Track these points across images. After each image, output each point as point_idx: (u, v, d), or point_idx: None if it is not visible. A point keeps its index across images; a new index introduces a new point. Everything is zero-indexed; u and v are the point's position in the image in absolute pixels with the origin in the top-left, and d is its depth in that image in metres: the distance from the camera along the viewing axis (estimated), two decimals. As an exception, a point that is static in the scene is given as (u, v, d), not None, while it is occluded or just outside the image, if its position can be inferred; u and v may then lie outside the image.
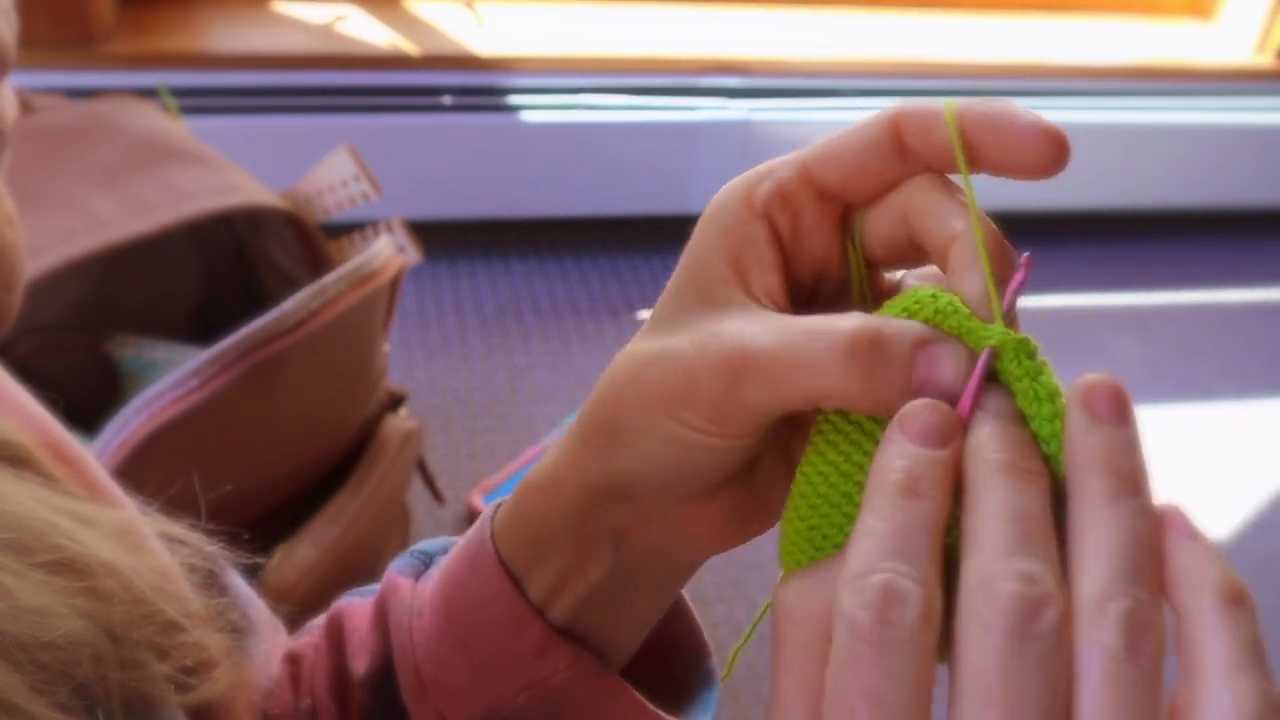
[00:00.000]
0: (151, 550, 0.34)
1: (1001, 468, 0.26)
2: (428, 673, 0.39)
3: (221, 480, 0.47)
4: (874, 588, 0.25)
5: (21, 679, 0.25)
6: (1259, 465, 1.69)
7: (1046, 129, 0.29)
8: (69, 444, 0.40)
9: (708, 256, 0.33)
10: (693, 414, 0.31)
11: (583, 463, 0.34)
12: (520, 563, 0.37)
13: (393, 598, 0.41)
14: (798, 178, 0.32)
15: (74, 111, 1.08)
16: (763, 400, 0.30)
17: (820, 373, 0.29)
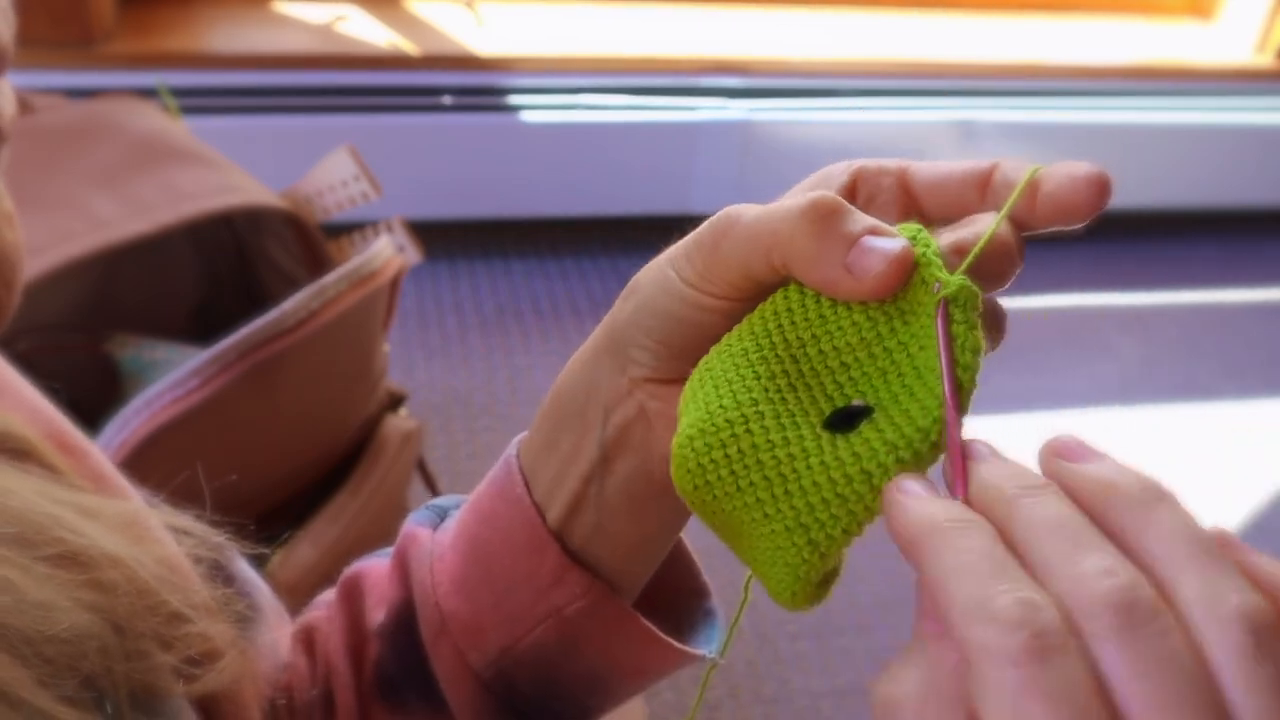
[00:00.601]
0: (157, 541, 0.35)
1: (1020, 493, 0.27)
2: (449, 608, 0.40)
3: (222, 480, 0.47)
4: (1006, 610, 0.23)
5: (28, 673, 0.25)
6: (1259, 465, 1.69)
7: (1092, 171, 0.32)
8: (73, 435, 0.40)
9: (791, 192, 0.37)
10: (688, 264, 0.35)
11: (600, 326, 0.38)
12: (533, 460, 0.39)
13: (413, 546, 0.42)
14: (897, 168, 0.36)
15: (74, 111, 1.08)
16: (737, 249, 0.33)
17: (782, 224, 0.32)
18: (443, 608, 0.40)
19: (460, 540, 0.41)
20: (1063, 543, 0.25)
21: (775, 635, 1.34)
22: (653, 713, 1.26)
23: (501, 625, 0.39)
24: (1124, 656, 0.23)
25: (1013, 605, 0.23)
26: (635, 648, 0.40)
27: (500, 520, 0.39)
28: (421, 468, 1.20)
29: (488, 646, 0.40)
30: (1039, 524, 0.25)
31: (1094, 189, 0.31)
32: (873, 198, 0.36)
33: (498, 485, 0.40)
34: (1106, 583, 0.23)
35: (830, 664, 1.32)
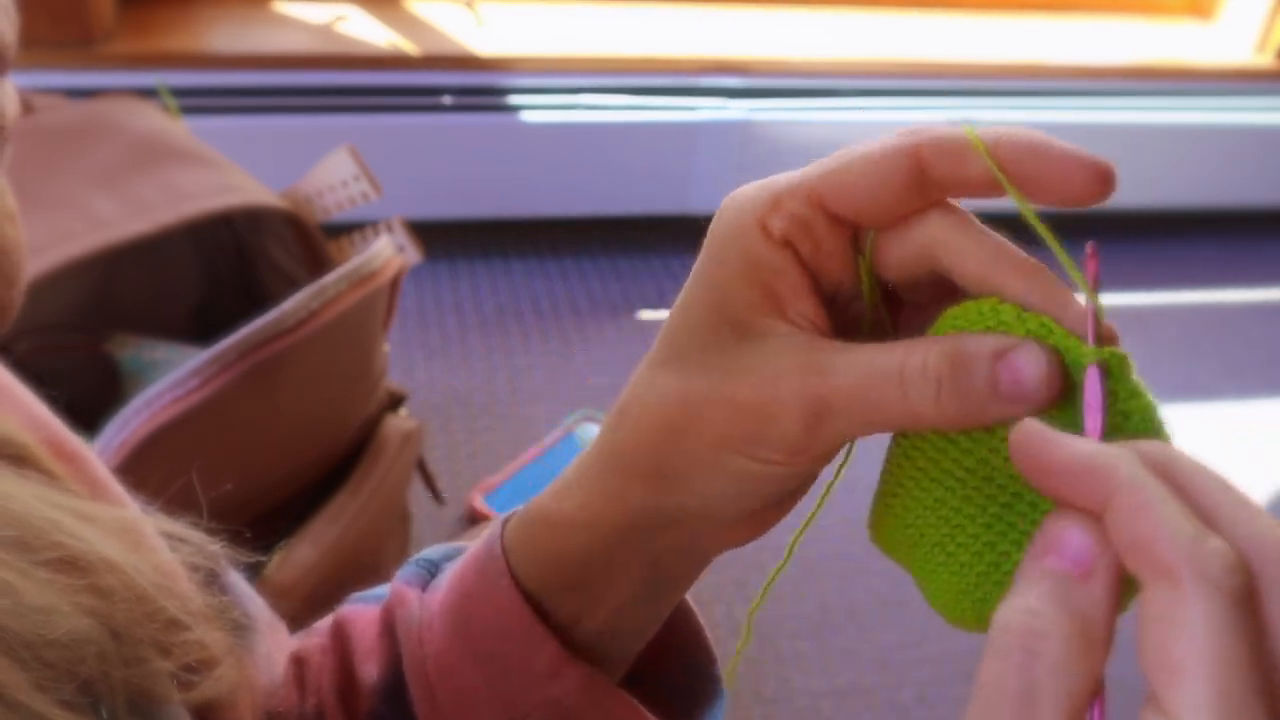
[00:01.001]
0: (153, 548, 0.35)
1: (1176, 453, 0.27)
2: (441, 687, 0.39)
3: (222, 480, 0.47)
4: (1225, 551, 0.23)
5: (26, 676, 0.25)
6: (1259, 465, 1.69)
7: (1091, 159, 0.29)
8: (70, 441, 0.40)
9: (732, 285, 0.32)
10: (768, 450, 0.31)
11: (625, 503, 0.34)
12: (543, 588, 0.37)
13: (400, 608, 0.41)
14: (809, 205, 0.32)
15: (74, 111, 1.08)
16: (847, 433, 0.31)
17: (909, 406, 0.29)
18: (433, 685, 0.39)
19: (447, 615, 0.39)
20: (1234, 496, 0.25)
21: (775, 635, 1.34)
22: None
23: (496, 706, 0.39)
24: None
25: (1228, 550, 0.23)
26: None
27: (489, 607, 0.38)
28: (421, 468, 1.20)
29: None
30: (1208, 477, 0.26)
31: (1088, 172, 0.29)
32: (818, 251, 0.32)
33: (482, 569, 0.39)
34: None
35: (830, 664, 1.32)
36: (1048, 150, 0.29)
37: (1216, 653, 0.22)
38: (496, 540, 0.38)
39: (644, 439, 0.33)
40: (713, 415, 0.31)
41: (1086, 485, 0.25)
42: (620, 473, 0.34)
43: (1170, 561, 0.23)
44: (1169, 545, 0.24)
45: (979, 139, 0.30)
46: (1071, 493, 0.26)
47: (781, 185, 0.32)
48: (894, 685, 1.31)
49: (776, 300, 0.32)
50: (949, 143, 0.30)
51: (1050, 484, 0.26)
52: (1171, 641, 0.23)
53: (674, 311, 0.34)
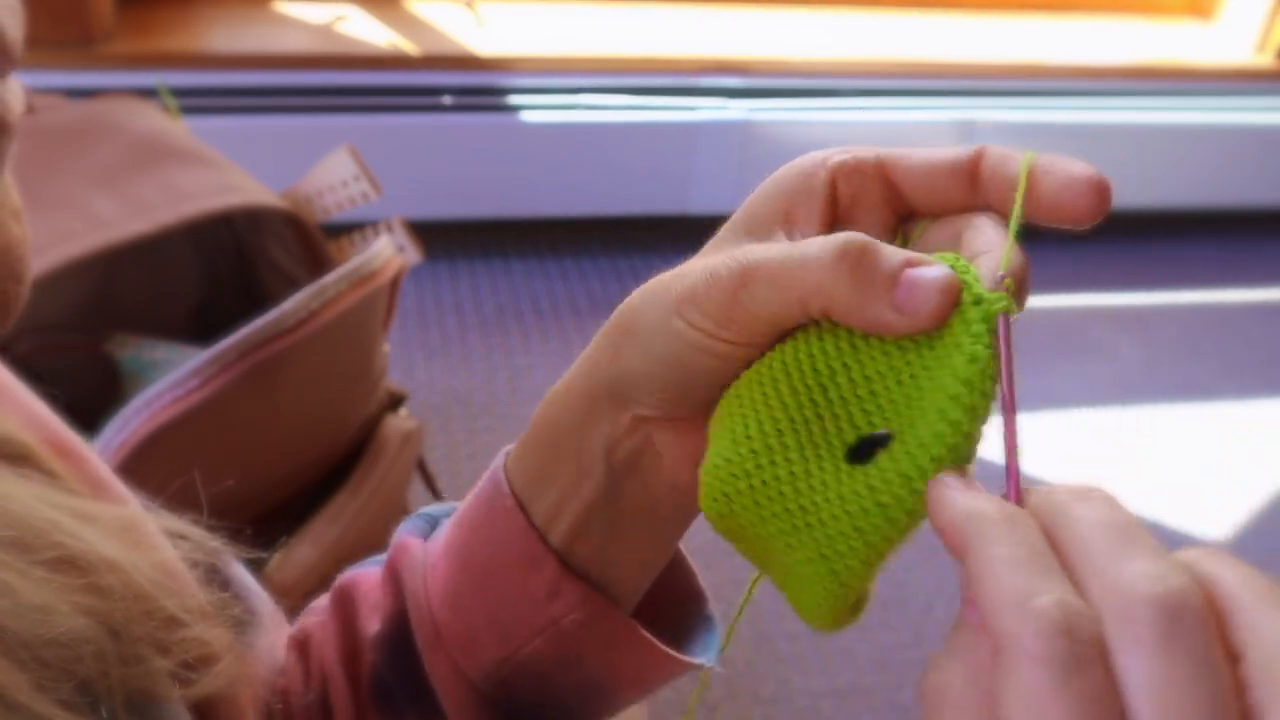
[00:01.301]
0: (153, 546, 0.35)
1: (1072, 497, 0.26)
2: (443, 619, 0.40)
3: (222, 480, 0.47)
4: (1048, 610, 0.23)
5: (25, 676, 0.25)
6: (1259, 465, 1.69)
7: (1093, 175, 0.31)
8: (70, 440, 0.40)
9: (765, 200, 0.35)
10: (701, 314, 0.33)
11: (591, 365, 0.36)
12: (527, 487, 0.39)
13: (404, 556, 0.42)
14: (874, 161, 0.34)
15: (74, 111, 1.08)
16: (764, 299, 0.32)
17: (815, 271, 0.31)
18: (437, 619, 0.40)
19: (451, 552, 0.40)
20: (1113, 543, 0.24)
21: (775, 635, 1.34)
22: (653, 712, 1.26)
23: (497, 636, 0.39)
24: (1157, 665, 0.22)
25: (1054, 606, 0.23)
26: (634, 658, 0.40)
27: (491, 534, 0.39)
28: (421, 468, 1.20)
29: (484, 657, 0.40)
30: (1091, 524, 0.25)
31: (1095, 194, 0.31)
32: (857, 199, 0.35)
33: (486, 499, 0.40)
34: (1157, 587, 0.23)
35: (830, 664, 1.32)
36: (1068, 165, 0.32)
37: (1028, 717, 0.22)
38: (500, 468, 0.40)
39: (624, 303, 0.36)
40: (673, 279, 0.34)
41: (956, 546, 0.26)
42: (596, 339, 0.37)
43: (995, 629, 0.23)
44: (995, 612, 0.24)
45: (1031, 157, 0.32)
46: (953, 552, 0.26)
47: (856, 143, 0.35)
48: (894, 685, 1.31)
49: (789, 218, 0.35)
50: (1004, 152, 0.33)
51: (944, 542, 0.27)
52: (1007, 706, 0.23)
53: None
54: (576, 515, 0.38)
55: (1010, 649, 0.23)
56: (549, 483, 0.38)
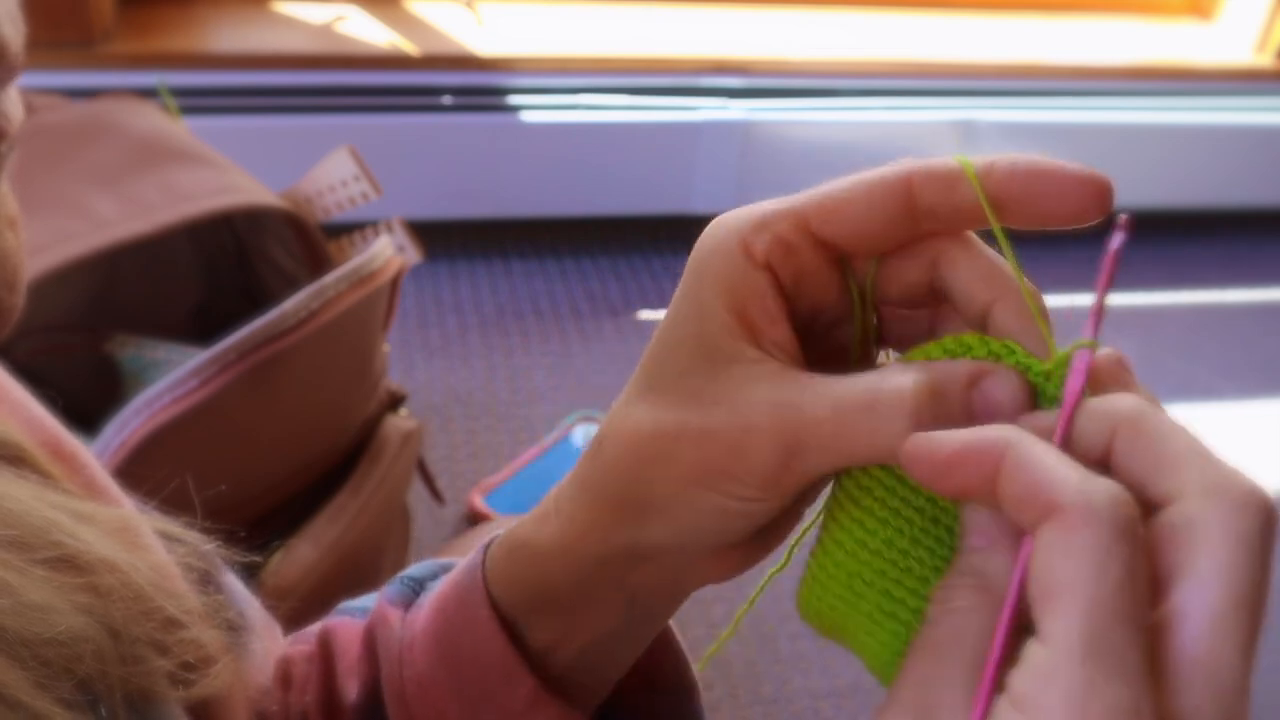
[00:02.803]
0: (150, 547, 0.35)
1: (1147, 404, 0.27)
2: (416, 707, 0.39)
3: (222, 480, 0.47)
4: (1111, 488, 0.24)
5: (25, 675, 0.25)
6: (1259, 465, 1.69)
7: (1088, 176, 0.28)
8: (67, 442, 0.40)
9: (709, 305, 0.31)
10: (740, 486, 0.30)
11: (601, 534, 0.34)
12: (522, 614, 0.37)
13: (381, 627, 0.41)
14: (796, 228, 0.31)
15: (74, 111, 1.08)
16: (820, 467, 0.30)
17: (885, 437, 0.28)
18: (411, 707, 0.39)
19: (429, 638, 0.39)
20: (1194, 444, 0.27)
21: (775, 635, 1.34)
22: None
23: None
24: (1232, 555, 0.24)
25: (1114, 485, 0.24)
26: None
27: (468, 637, 0.38)
28: (421, 468, 1.20)
29: None
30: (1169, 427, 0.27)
31: (1088, 191, 0.29)
32: (798, 278, 0.31)
33: (463, 596, 0.38)
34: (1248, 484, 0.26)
35: (830, 664, 1.32)
36: (1043, 171, 0.29)
37: (1095, 574, 0.23)
38: (478, 568, 0.38)
39: (617, 472, 0.33)
40: (684, 449, 0.31)
41: (976, 464, 0.26)
42: (595, 504, 0.34)
43: (1056, 499, 0.24)
44: (1055, 486, 0.24)
45: (970, 165, 0.30)
46: (967, 478, 0.26)
47: (768, 208, 0.32)
48: (894, 685, 1.30)
49: (751, 325, 0.31)
50: (940, 171, 0.30)
51: (950, 481, 0.26)
52: (1055, 566, 0.24)
53: (655, 334, 0.33)
54: (583, 646, 0.37)
55: (1073, 513, 0.24)
56: (548, 620, 0.37)
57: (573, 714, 0.38)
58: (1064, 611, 0.23)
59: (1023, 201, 0.29)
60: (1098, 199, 0.29)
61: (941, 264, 0.31)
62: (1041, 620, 0.24)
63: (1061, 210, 0.29)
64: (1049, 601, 0.24)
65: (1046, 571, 0.24)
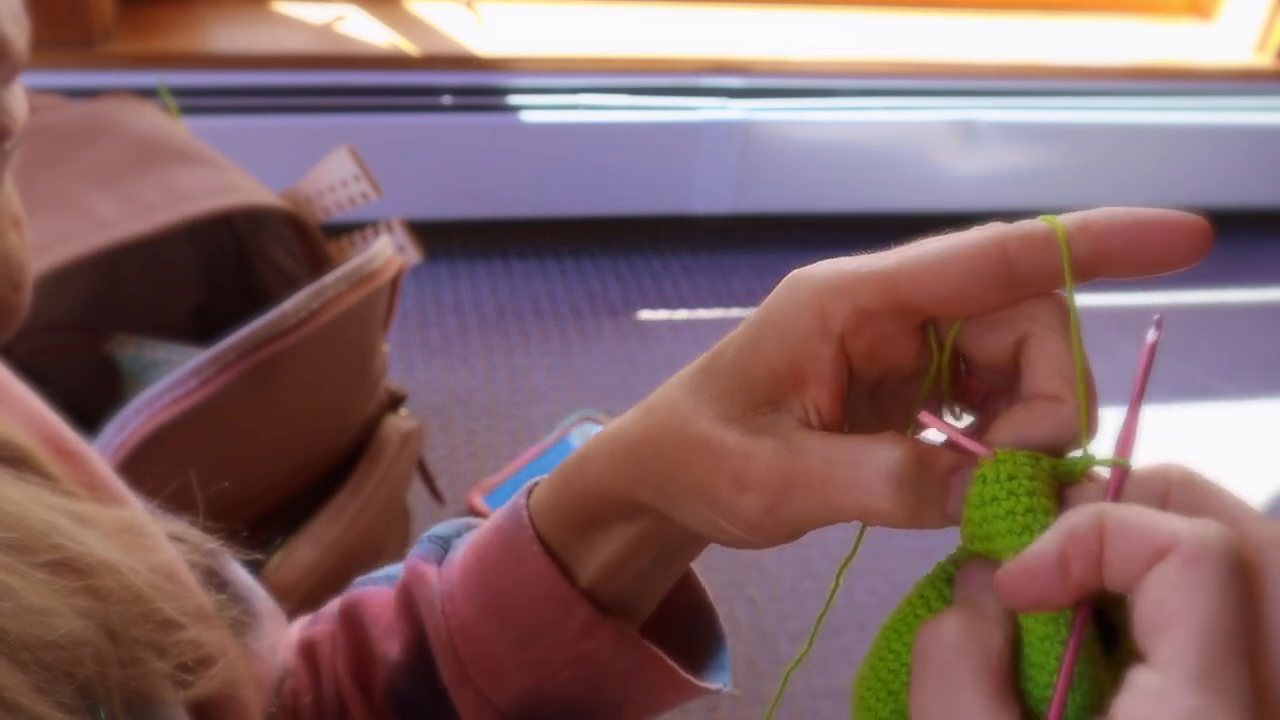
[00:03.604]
0: (151, 548, 0.35)
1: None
2: (467, 654, 0.40)
3: (222, 480, 0.47)
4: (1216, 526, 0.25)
5: (26, 679, 0.25)
6: (1259, 465, 1.69)
7: (1192, 225, 0.29)
8: (70, 439, 0.40)
9: (768, 349, 0.32)
10: (730, 517, 0.32)
11: (630, 487, 0.36)
12: (565, 547, 0.39)
13: (418, 584, 0.42)
14: (882, 298, 0.31)
15: (74, 111, 1.08)
16: (805, 515, 0.31)
17: (866, 494, 0.30)
18: (461, 654, 0.41)
19: (470, 585, 0.41)
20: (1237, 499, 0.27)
21: (775, 635, 1.34)
22: (653, 713, 1.26)
23: (525, 668, 0.40)
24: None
25: (1223, 527, 0.25)
26: (655, 684, 0.41)
27: (518, 575, 0.39)
28: (421, 468, 1.20)
29: (511, 688, 0.40)
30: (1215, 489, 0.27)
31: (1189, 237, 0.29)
32: (875, 346, 0.32)
33: (507, 538, 0.40)
34: None
35: (830, 664, 1.32)
36: (1144, 221, 0.29)
37: (1211, 605, 0.24)
38: (523, 510, 0.39)
39: (647, 446, 0.35)
40: (698, 461, 0.33)
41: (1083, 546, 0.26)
42: (627, 461, 0.36)
43: (1169, 542, 0.25)
44: (1166, 532, 0.25)
45: (1060, 226, 0.30)
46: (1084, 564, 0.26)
47: (858, 270, 0.31)
48: (894, 685, 1.30)
49: (800, 379, 0.32)
50: (1035, 235, 0.30)
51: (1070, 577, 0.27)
52: (1169, 599, 0.24)
53: (723, 342, 0.34)
54: (627, 581, 0.39)
55: (1189, 550, 0.24)
56: (593, 553, 0.38)
57: (626, 630, 0.39)
58: (1179, 641, 0.24)
59: (1127, 253, 0.30)
60: (1200, 241, 0.30)
61: (1030, 344, 0.31)
62: (1154, 649, 0.24)
63: (1166, 258, 0.30)
64: (1162, 632, 0.24)
65: (1159, 606, 0.24)
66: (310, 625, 0.48)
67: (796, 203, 1.99)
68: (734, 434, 0.32)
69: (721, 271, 1.93)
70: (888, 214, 2.05)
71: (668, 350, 1.75)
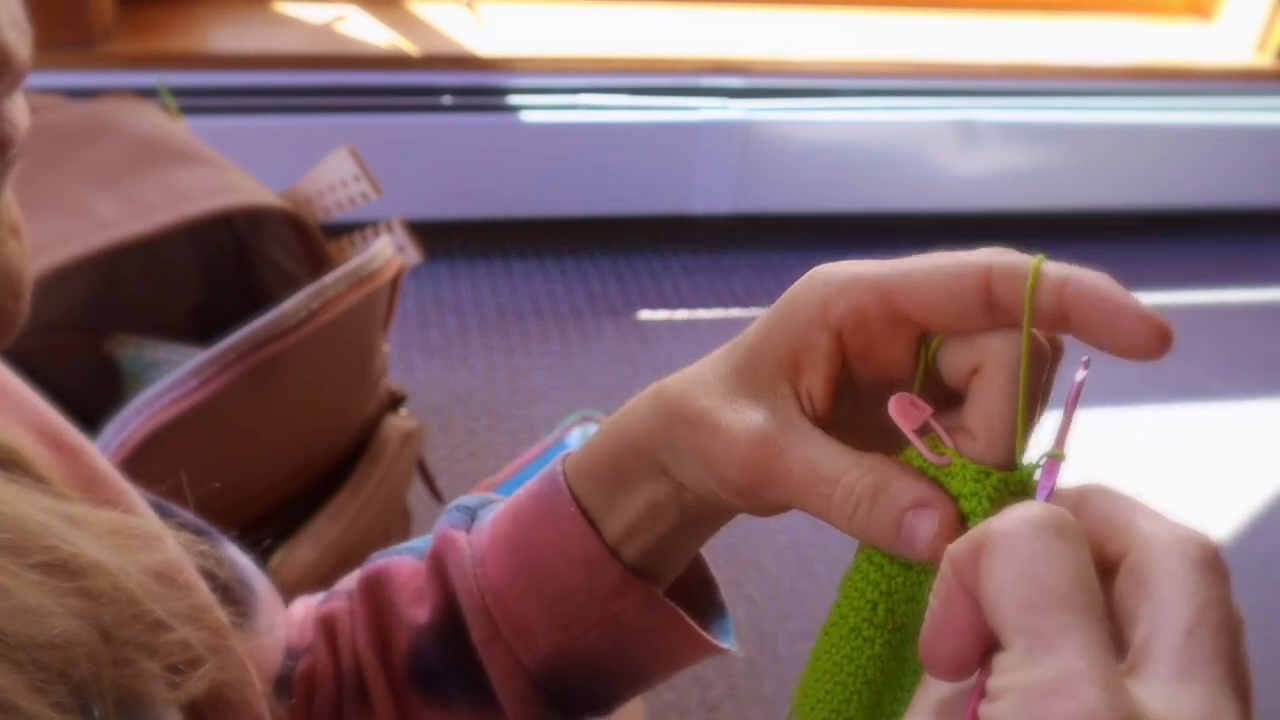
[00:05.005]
0: (144, 548, 0.35)
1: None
2: (499, 614, 0.42)
3: (222, 480, 0.48)
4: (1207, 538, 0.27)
5: (22, 679, 0.25)
6: (1259, 465, 1.69)
7: (1156, 324, 0.30)
8: (68, 433, 0.40)
9: (775, 335, 0.36)
10: (724, 485, 0.36)
11: (654, 444, 0.38)
12: (596, 506, 0.41)
13: (449, 549, 0.44)
14: (879, 302, 0.33)
15: (74, 111, 1.08)
16: (785, 506, 0.35)
17: (835, 515, 0.33)
18: (493, 614, 0.42)
19: (503, 549, 0.42)
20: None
21: (775, 635, 1.34)
22: (653, 711, 1.26)
23: (554, 629, 0.42)
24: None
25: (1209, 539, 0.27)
26: (677, 644, 0.43)
27: (553, 535, 0.41)
28: (421, 468, 1.20)
29: (540, 648, 0.42)
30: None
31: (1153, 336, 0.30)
32: (869, 346, 0.34)
33: (543, 500, 0.42)
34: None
35: (830, 664, 1.32)
36: (1111, 303, 0.30)
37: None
38: (559, 475, 0.42)
39: (666, 408, 0.37)
40: (701, 427, 0.36)
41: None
42: (653, 421, 0.38)
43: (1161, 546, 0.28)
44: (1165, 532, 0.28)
45: (1036, 270, 0.31)
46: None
47: (856, 271, 0.34)
48: (894, 685, 1.30)
49: (795, 366, 0.35)
50: (1018, 269, 0.31)
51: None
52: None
53: (747, 328, 0.37)
54: (648, 541, 0.40)
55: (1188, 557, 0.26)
56: (620, 512, 0.40)
57: (654, 591, 0.41)
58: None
59: (1084, 324, 0.31)
60: (1156, 342, 0.30)
61: (979, 376, 0.33)
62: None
63: (1117, 344, 0.30)
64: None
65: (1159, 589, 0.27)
66: (326, 601, 0.49)
67: (796, 203, 1.99)
68: (733, 413, 0.35)
69: (721, 271, 1.93)
70: (888, 214, 2.05)
71: (668, 350, 1.75)
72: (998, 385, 0.32)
